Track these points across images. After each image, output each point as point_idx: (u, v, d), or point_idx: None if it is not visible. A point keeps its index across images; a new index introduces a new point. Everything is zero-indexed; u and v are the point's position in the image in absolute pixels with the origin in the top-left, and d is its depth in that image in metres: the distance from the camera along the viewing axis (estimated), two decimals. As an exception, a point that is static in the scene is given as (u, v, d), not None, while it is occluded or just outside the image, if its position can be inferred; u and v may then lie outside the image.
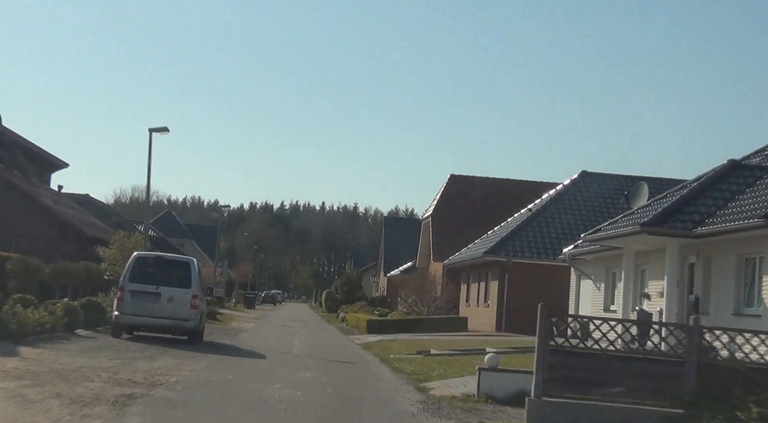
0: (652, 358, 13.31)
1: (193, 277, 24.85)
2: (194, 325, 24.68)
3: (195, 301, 24.60)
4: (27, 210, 40.32)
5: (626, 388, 13.04)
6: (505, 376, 16.58)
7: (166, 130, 30.38)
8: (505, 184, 61.72)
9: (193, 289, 24.69)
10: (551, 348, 13.33)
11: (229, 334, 33.73)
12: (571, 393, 13.11)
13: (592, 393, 13.09)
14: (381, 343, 33.17)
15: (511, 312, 42.04)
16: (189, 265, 25.10)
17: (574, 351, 13.44)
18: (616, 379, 13.12)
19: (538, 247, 42.84)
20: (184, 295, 24.53)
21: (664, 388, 12.95)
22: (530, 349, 28.62)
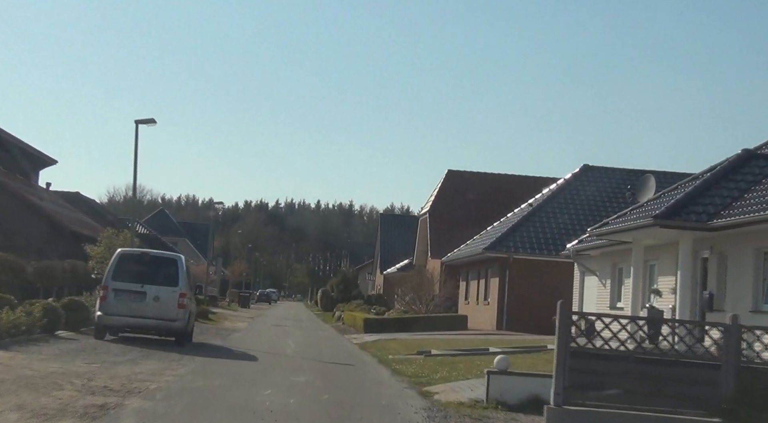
0: (686, 361, 11.88)
1: (181, 275, 23.41)
2: (182, 326, 23.24)
3: (183, 300, 23.16)
4: (12, 207, 38.91)
5: (657, 395, 11.62)
6: (516, 380, 15.14)
7: (153, 121, 28.97)
8: (503, 180, 60.34)
9: (180, 287, 23.25)
10: (573, 350, 11.87)
11: (220, 334, 32.30)
12: (595, 400, 11.69)
13: (619, 400, 11.67)
14: (379, 343, 31.77)
15: (512, 310, 40.66)
16: (176, 262, 23.65)
17: (599, 353, 11.98)
18: (646, 385, 11.70)
19: (539, 242, 41.46)
20: (171, 293, 23.09)
21: (700, 394, 11.55)
22: (536, 349, 27.32)
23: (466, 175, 60.37)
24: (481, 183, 59.54)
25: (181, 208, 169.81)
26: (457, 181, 59.35)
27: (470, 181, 59.64)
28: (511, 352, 25.51)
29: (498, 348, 26.74)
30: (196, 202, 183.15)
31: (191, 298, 25.05)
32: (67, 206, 50.55)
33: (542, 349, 26.16)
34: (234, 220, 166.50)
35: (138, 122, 29.09)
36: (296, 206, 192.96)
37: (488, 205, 57.26)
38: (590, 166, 46.07)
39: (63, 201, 53.07)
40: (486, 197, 58.24)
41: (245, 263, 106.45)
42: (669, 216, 23.83)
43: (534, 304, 40.20)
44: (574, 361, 11.79)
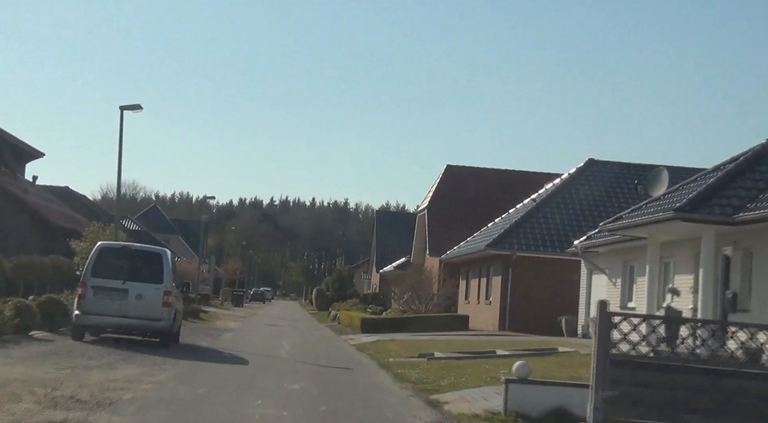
0: (745, 371, 10.09)
1: (166, 271, 21.62)
2: (167, 326, 21.44)
3: (168, 298, 21.37)
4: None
5: (713, 412, 9.85)
6: (538, 390, 13.34)
7: (138, 107, 27.17)
8: (504, 175, 58.54)
9: (165, 284, 21.46)
10: (614, 358, 10.08)
11: (210, 334, 30.51)
12: (640, 418, 9.91)
13: (668, 417, 9.89)
14: (377, 345, 30.02)
15: (515, 309, 38.91)
16: (160, 257, 21.83)
17: (646, 362, 10.18)
18: (700, 400, 9.92)
19: (544, 239, 39.71)
20: (155, 291, 21.31)
21: (764, 411, 9.78)
22: (546, 352, 25.48)
23: (466, 170, 58.57)
24: (481, 179, 57.77)
25: (175, 206, 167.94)
26: (457, 177, 57.56)
27: (470, 176, 57.86)
28: (519, 355, 23.76)
29: (505, 350, 25.00)
30: (190, 199, 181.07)
31: (178, 296, 23.26)
32: (53, 200, 48.68)
33: (552, 352, 24.43)
34: (228, 217, 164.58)
35: (123, 108, 27.29)
36: (291, 204, 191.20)
37: (488, 202, 55.50)
38: (595, 161, 44.32)
39: (50, 195, 51.19)
40: (486, 193, 56.48)
41: (239, 261, 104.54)
42: (692, 209, 22.12)
43: (538, 304, 38.55)
44: (616, 370, 9.98)
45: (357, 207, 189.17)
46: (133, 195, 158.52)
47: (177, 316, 22.48)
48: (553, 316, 36.95)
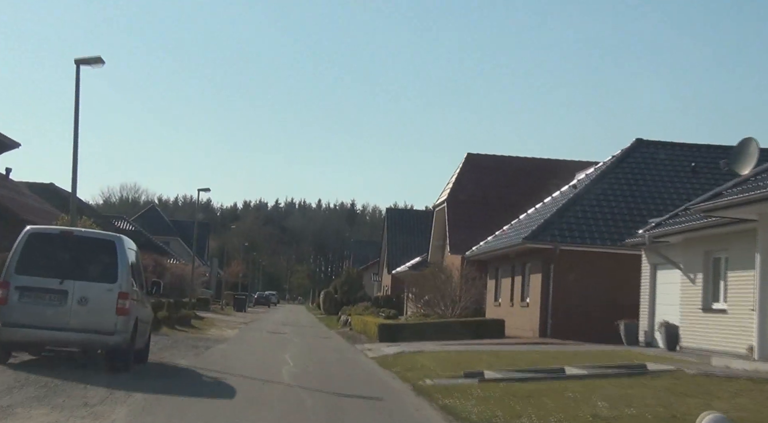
0: None
1: (122, 266, 15.39)
2: (122, 341, 15.20)
3: (124, 302, 15.16)
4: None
5: None
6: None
7: (99, 61, 20.99)
8: (529, 164, 52.25)
9: (120, 283, 15.26)
10: None
11: (197, 347, 24.26)
12: None
13: None
14: (404, 358, 23.82)
15: (558, 312, 32.64)
16: (114, 247, 15.52)
17: None
18: None
19: (591, 230, 33.43)
20: (106, 293, 15.13)
21: None
22: (634, 371, 18.89)
23: (488, 159, 52.26)
24: (504, 168, 51.51)
25: (178, 209, 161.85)
26: (478, 167, 51.26)
27: (492, 165, 51.59)
28: (600, 375, 17.55)
29: (576, 368, 18.75)
30: (193, 202, 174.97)
31: (142, 299, 17.07)
32: (29, 196, 42.65)
33: (644, 371, 18.12)
34: (232, 220, 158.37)
35: (79, 62, 21.09)
36: (296, 206, 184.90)
37: (514, 193, 49.32)
38: (644, 141, 38.04)
39: (27, 190, 45.11)
40: (511, 183, 50.29)
41: (242, 264, 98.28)
42: None
43: (585, 306, 32.32)
44: None
45: (364, 208, 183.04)
46: (134, 198, 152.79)
47: (140, 326, 16.23)
48: (604, 320, 30.74)
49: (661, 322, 26.13)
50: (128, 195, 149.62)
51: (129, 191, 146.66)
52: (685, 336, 25.19)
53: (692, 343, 24.62)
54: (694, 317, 24.91)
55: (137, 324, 15.87)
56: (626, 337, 29.08)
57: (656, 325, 27.60)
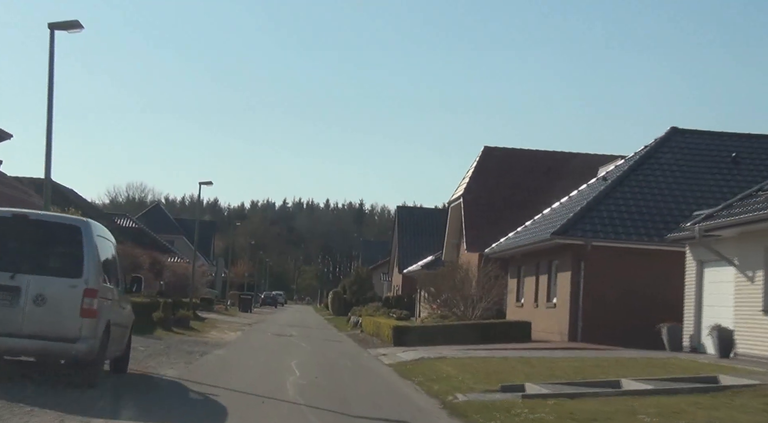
0: None
1: (89, 256, 12.42)
2: (88, 350, 12.22)
3: (92, 301, 12.20)
4: None
5: None
6: None
7: (76, 26, 18.09)
8: (549, 157, 49.17)
9: (87, 278, 12.29)
10: None
11: (191, 354, 21.32)
12: None
13: None
14: (425, 365, 20.89)
15: (589, 314, 29.62)
16: (78, 232, 12.52)
17: None
18: None
19: (625, 225, 30.40)
20: (69, 291, 12.17)
21: None
22: (707, 385, 15.71)
23: (506, 152, 49.20)
24: (524, 161, 48.46)
25: (185, 209, 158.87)
26: (495, 160, 48.22)
27: (510, 159, 48.52)
28: (666, 389, 14.55)
29: (634, 380, 15.75)
30: (201, 202, 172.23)
31: (118, 298, 14.09)
32: (16, 187, 39.57)
33: (716, 386, 15.08)
34: (240, 220, 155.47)
35: (53, 26, 18.18)
36: (304, 206, 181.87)
37: (534, 187, 46.40)
38: (679, 129, 35.03)
39: (16, 182, 42.10)
40: (531, 178, 47.28)
41: (248, 263, 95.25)
42: None
43: (620, 307, 29.36)
44: None
45: (373, 208, 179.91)
46: (141, 197, 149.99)
47: (114, 331, 13.25)
48: (641, 323, 27.82)
49: (712, 326, 23.10)
50: (134, 194, 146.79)
51: (135, 191, 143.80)
52: (741, 341, 22.16)
53: (749, 350, 21.62)
54: (752, 320, 21.88)
55: (109, 328, 12.91)
56: (669, 342, 26.07)
57: (704, 329, 24.62)
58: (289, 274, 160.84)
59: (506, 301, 38.24)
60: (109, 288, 13.18)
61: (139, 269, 34.49)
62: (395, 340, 30.06)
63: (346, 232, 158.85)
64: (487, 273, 33.86)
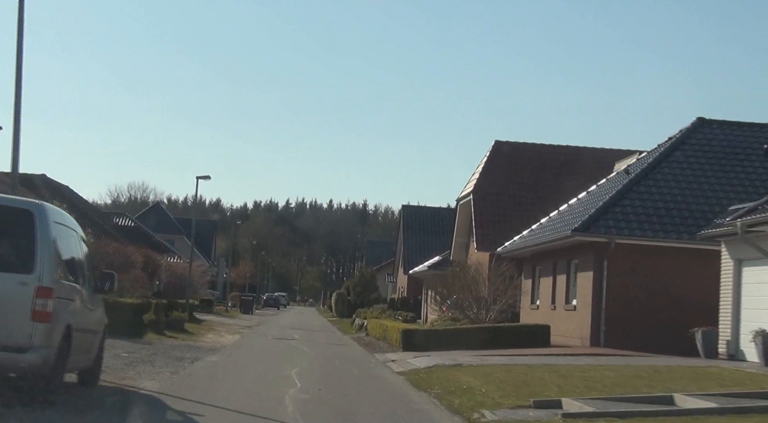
0: None
1: (43, 247, 10.13)
2: (42, 360, 9.92)
3: (46, 302, 9.93)
4: None
5: None
6: None
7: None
8: (563, 152, 46.92)
9: (40, 274, 10.01)
10: None
11: (180, 359, 19.05)
12: None
13: None
14: (441, 374, 18.62)
15: (613, 317, 27.32)
16: (31, 219, 10.20)
17: None
18: None
19: (651, 221, 28.10)
20: (17, 289, 9.92)
21: None
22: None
23: (517, 147, 46.90)
24: (536, 157, 46.20)
25: (188, 209, 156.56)
26: (507, 155, 45.96)
27: (523, 154, 46.25)
28: (732, 409, 12.26)
29: (690, 397, 13.44)
30: (203, 202, 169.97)
31: (85, 299, 11.79)
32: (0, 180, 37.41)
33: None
34: (242, 220, 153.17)
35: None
36: (307, 206, 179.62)
37: (548, 183, 44.29)
38: (706, 120, 32.74)
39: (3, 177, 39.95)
40: (544, 173, 45.11)
41: (249, 264, 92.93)
42: None
43: (647, 309, 27.14)
44: None
45: (377, 209, 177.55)
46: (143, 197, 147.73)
47: (77, 338, 10.95)
48: (669, 327, 25.62)
49: (756, 331, 20.82)
50: (136, 194, 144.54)
51: (137, 190, 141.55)
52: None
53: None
54: (803, 325, 19.63)
55: (71, 334, 10.63)
56: (703, 348, 23.79)
57: (743, 334, 22.38)
58: (292, 275, 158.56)
59: (519, 303, 35.96)
60: (70, 286, 10.91)
61: (131, 268, 32.29)
62: (404, 344, 27.79)
63: (349, 233, 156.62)
64: (502, 273, 31.52)
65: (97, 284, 12.68)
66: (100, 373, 12.91)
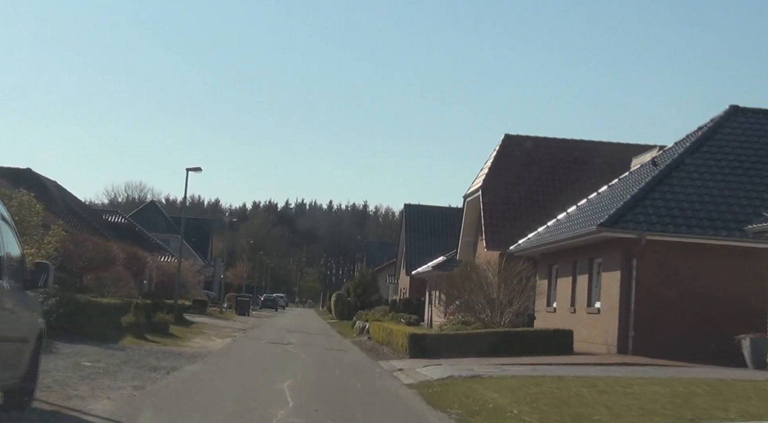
0: None
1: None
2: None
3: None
4: None
5: None
6: None
7: None
8: (576, 146, 44.01)
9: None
10: None
11: (155, 369, 16.12)
12: None
13: None
14: (458, 388, 15.78)
15: (643, 322, 24.41)
16: None
17: None
18: None
19: (685, 215, 25.21)
20: None
21: None
22: None
23: (530, 140, 44.01)
24: (548, 151, 43.34)
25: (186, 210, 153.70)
26: (518, 150, 43.05)
27: (535, 148, 43.36)
28: None
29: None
30: (202, 202, 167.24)
31: (5, 298, 8.85)
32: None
33: None
34: (241, 221, 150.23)
35: None
36: (307, 207, 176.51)
37: (561, 179, 41.51)
38: (741, 108, 29.89)
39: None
40: (557, 168, 42.32)
41: (246, 264, 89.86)
42: None
43: (680, 313, 24.30)
44: None
45: (377, 209, 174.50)
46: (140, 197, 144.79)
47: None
48: (708, 334, 22.81)
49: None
50: (133, 194, 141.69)
51: (134, 190, 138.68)
52: None
53: None
54: None
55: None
56: (752, 358, 20.90)
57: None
58: (291, 276, 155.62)
59: (533, 305, 33.05)
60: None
61: (112, 265, 29.35)
62: (412, 350, 24.87)
63: (349, 234, 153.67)
64: (518, 272, 28.60)
65: (28, 279, 9.75)
66: (35, 392, 10.02)
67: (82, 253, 27.69)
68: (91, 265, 27.42)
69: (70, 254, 26.55)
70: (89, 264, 27.50)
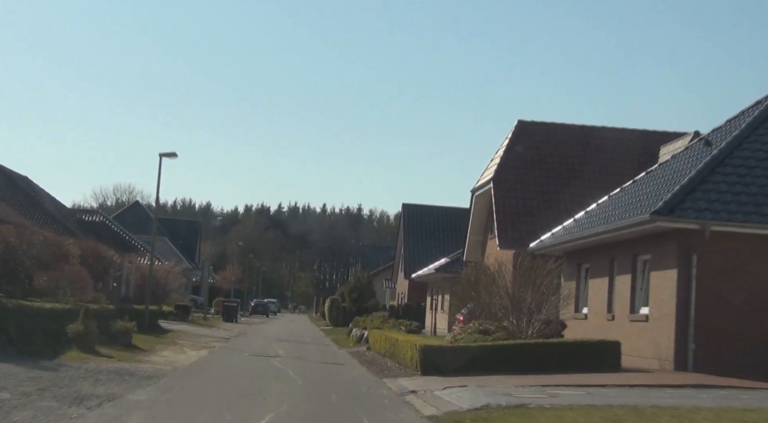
0: None
1: None
2: None
3: None
4: None
5: None
6: None
7: None
8: (596, 134, 39.25)
9: None
10: None
11: (75, 403, 11.37)
12: None
13: None
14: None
15: (704, 331, 19.78)
16: None
17: None
18: None
19: (756, 202, 20.60)
20: None
21: None
22: None
23: (545, 127, 39.25)
24: (565, 138, 38.65)
25: (177, 213, 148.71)
26: (533, 137, 38.32)
27: (551, 135, 38.64)
28: None
29: None
30: (193, 206, 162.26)
31: None
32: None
33: None
34: (233, 224, 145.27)
35: None
36: (300, 211, 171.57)
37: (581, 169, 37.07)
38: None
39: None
40: (575, 157, 37.86)
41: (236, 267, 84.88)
42: None
43: (755, 321, 19.69)
44: None
45: (371, 213, 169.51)
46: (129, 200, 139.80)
47: None
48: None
49: None
50: (122, 197, 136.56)
51: (123, 193, 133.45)
52: None
53: None
54: None
55: None
56: None
57: None
58: (283, 280, 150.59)
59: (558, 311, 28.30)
60: None
61: (63, 263, 24.46)
62: (424, 366, 20.13)
63: (344, 238, 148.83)
64: (549, 272, 23.83)
65: None
66: None
67: (28, 249, 22.91)
68: (39, 264, 22.69)
69: (12, 251, 21.87)
70: (37, 262, 22.76)
